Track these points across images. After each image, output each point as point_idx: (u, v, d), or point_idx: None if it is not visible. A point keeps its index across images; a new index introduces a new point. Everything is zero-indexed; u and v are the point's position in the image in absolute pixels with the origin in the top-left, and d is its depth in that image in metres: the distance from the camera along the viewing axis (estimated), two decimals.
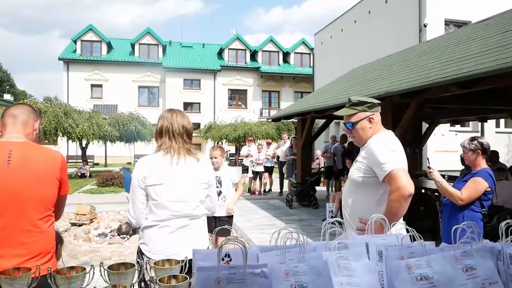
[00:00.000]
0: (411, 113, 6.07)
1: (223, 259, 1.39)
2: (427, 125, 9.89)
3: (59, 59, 30.01)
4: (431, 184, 6.18)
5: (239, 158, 13.31)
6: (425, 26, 14.64)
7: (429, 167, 3.61)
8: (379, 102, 2.53)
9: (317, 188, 10.87)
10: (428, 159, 3.86)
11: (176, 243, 2.21)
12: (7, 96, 36.14)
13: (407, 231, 1.68)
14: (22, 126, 2.04)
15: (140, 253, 2.29)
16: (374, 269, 1.54)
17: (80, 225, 7.44)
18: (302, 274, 1.37)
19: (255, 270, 1.27)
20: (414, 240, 1.62)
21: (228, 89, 32.74)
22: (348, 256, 1.54)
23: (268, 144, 13.26)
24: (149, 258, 2.14)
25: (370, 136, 2.41)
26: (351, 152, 9.20)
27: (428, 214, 6.36)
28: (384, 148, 2.28)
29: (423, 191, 6.98)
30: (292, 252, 1.49)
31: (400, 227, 2.17)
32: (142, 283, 1.91)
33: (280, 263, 1.37)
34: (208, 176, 2.41)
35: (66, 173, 2.14)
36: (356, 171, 2.41)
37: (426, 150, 11.86)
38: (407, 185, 2.17)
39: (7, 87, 51.49)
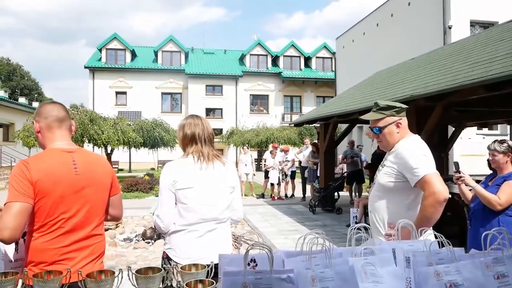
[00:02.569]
0: (437, 116, 5.96)
1: (249, 264, 1.39)
2: (453, 129, 9.67)
3: (85, 67, 30.75)
4: (457, 189, 6.03)
5: (264, 163, 13.23)
6: (449, 28, 14.36)
7: (459, 172, 3.52)
8: (407, 106, 2.50)
9: (340, 193, 10.76)
10: (457, 163, 3.73)
11: (204, 248, 2.22)
12: (35, 104, 37.20)
13: (435, 237, 1.65)
14: (68, 132, 2.07)
15: (166, 258, 2.30)
16: (401, 275, 1.51)
17: (106, 230, 7.57)
18: (328, 280, 1.37)
19: (281, 275, 1.27)
20: (442, 246, 1.59)
21: (250, 95, 32.84)
22: (375, 262, 1.52)
23: (286, 151, 13.14)
24: (176, 263, 2.15)
25: (397, 140, 2.39)
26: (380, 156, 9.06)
27: (455, 220, 6.19)
28: (415, 153, 2.27)
29: (450, 196, 6.81)
30: (318, 258, 1.49)
31: (427, 233, 2.13)
32: None
33: (306, 269, 1.37)
34: (234, 180, 2.45)
35: (115, 175, 2.21)
36: (385, 176, 2.38)
37: (452, 154, 11.60)
38: (442, 190, 2.16)
39: (36, 95, 53.12)
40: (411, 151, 2.28)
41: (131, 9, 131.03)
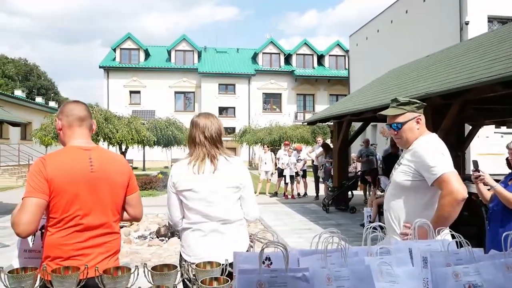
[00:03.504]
0: (453, 114, 5.87)
1: (263, 262, 1.39)
2: (470, 127, 9.52)
3: (100, 67, 31.12)
4: (475, 189, 5.94)
5: (277, 162, 13.21)
6: (466, 24, 14.13)
7: (478, 171, 3.43)
8: (425, 104, 2.46)
9: (354, 192, 10.69)
10: (476, 162, 3.63)
11: (209, 247, 2.23)
12: (52, 103, 37.78)
13: (453, 237, 1.62)
14: (88, 131, 2.11)
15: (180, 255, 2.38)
16: (418, 275, 1.49)
17: (120, 227, 7.65)
18: (344, 279, 1.35)
19: (296, 274, 1.26)
20: (460, 246, 1.56)
21: (263, 93, 32.84)
22: (391, 261, 1.50)
23: (298, 150, 13.12)
24: (186, 261, 2.20)
25: (416, 138, 2.35)
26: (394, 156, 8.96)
27: (473, 220, 6.10)
28: (432, 151, 2.23)
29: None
30: (333, 257, 1.47)
31: (444, 233, 2.09)
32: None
33: (321, 268, 1.36)
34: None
35: (133, 174, 2.22)
36: (401, 174, 2.34)
37: (469, 153, 11.41)
38: (460, 189, 2.13)
39: (52, 94, 53.93)
40: (429, 149, 2.24)
41: (144, 10, 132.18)
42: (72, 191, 1.88)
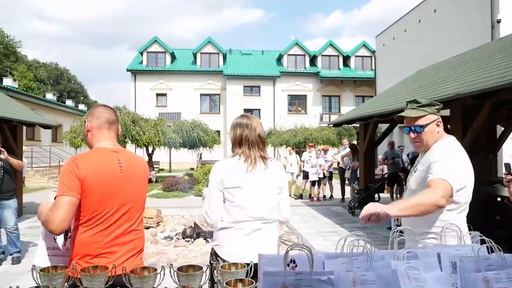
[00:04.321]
0: (485, 115, 5.70)
1: (288, 265, 1.39)
2: (503, 128, 9.22)
3: (127, 70, 31.77)
4: (507, 192, 5.75)
5: (302, 164, 13.15)
6: (498, 22, 13.70)
7: (511, 174, 3.31)
8: (442, 105, 2.39)
9: (381, 195, 10.51)
10: (509, 165, 3.49)
11: (249, 246, 2.26)
12: (81, 106, 38.83)
13: (483, 241, 1.58)
14: (115, 134, 2.19)
15: (214, 255, 2.37)
16: (447, 281, 1.46)
17: (147, 228, 7.79)
18: (370, 283, 1.33)
19: (321, 277, 1.26)
20: (491, 251, 1.52)
21: (288, 95, 32.77)
22: (419, 266, 1.48)
23: (325, 151, 13.06)
24: (224, 260, 2.21)
25: (435, 141, 2.27)
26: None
27: (504, 224, 5.91)
28: (444, 156, 2.13)
29: (498, 199, 6.50)
30: (359, 260, 1.46)
31: (474, 237, 2.03)
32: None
33: (347, 271, 1.35)
34: (281, 182, 2.46)
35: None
36: (415, 182, 2.28)
37: (502, 155, 11.05)
38: (445, 199, 2.00)
39: (81, 97, 55.45)
40: (441, 157, 2.14)
41: (171, 14, 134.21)
42: (102, 190, 1.95)
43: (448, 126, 6.51)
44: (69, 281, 1.57)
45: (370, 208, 1.88)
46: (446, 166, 2.09)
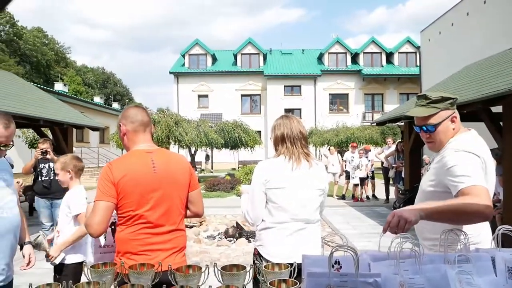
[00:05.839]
0: None
1: (333, 266, 1.36)
2: None
3: (170, 73, 32.55)
4: None
5: (344, 164, 12.94)
6: None
7: None
8: (457, 97, 2.12)
9: None
10: None
11: (293, 246, 2.25)
12: None
13: None
14: (150, 134, 2.23)
15: (258, 255, 2.36)
16: (503, 287, 1.38)
17: (190, 227, 7.93)
18: (418, 286, 1.29)
19: (367, 279, 1.23)
20: None
21: (329, 94, 32.35)
22: (471, 270, 1.41)
23: (366, 151, 12.77)
24: (267, 260, 2.21)
25: (450, 138, 2.04)
26: None
27: None
28: (461, 157, 1.89)
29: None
30: (407, 263, 1.41)
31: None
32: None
33: (394, 274, 1.31)
34: (324, 183, 2.44)
35: (194, 172, 2.31)
36: (427, 181, 2.07)
37: None
38: (491, 209, 1.76)
39: (127, 100, 57.52)
40: (457, 154, 1.91)
41: (212, 16, 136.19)
42: (138, 191, 2.00)
43: (501, 123, 6.19)
44: (118, 278, 1.63)
45: (388, 219, 1.69)
46: (469, 166, 1.85)
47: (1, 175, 2.19)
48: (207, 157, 27.32)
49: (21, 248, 2.43)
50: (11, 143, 2.30)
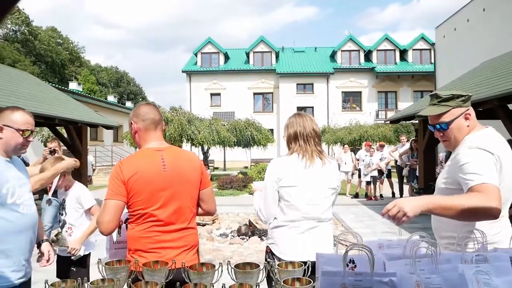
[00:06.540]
0: None
1: (347, 265, 1.35)
2: None
3: (183, 71, 32.69)
4: None
5: (357, 162, 12.84)
6: None
7: None
8: (471, 94, 2.08)
9: None
10: None
11: (304, 244, 2.24)
12: None
13: None
14: (161, 132, 2.23)
15: (270, 253, 2.36)
16: None
17: (203, 225, 7.96)
18: (435, 286, 1.27)
19: (383, 279, 1.21)
20: None
21: (342, 92, 32.13)
22: (489, 270, 1.38)
23: (381, 147, 12.64)
24: (280, 259, 2.20)
25: (465, 136, 2.01)
26: None
27: None
28: (474, 154, 1.85)
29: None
30: (423, 262, 1.39)
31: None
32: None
33: (410, 273, 1.28)
34: (337, 182, 2.42)
35: (206, 169, 2.30)
36: (441, 179, 2.06)
37: None
38: (499, 207, 1.71)
39: (140, 99, 57.97)
40: (471, 156, 1.85)
41: (225, 15, 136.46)
42: (148, 190, 2.01)
43: None
44: (132, 275, 1.64)
45: (389, 206, 1.72)
46: (481, 164, 1.81)
47: (19, 174, 2.22)
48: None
49: (38, 246, 2.46)
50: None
